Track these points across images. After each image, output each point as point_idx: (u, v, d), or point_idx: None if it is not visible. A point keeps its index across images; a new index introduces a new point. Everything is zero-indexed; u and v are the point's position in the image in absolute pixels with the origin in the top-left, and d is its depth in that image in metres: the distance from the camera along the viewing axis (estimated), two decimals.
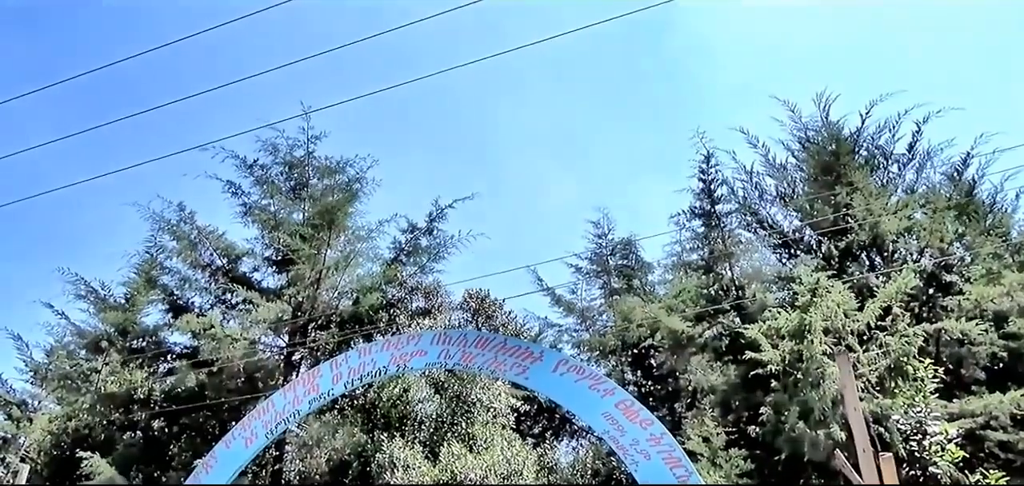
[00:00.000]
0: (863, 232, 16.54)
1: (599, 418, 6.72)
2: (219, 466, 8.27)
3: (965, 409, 12.32)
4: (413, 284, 18.77)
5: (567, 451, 22.17)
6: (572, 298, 23.00)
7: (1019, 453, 11.85)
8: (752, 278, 18.26)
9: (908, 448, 10.15)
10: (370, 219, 19.13)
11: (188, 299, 18.64)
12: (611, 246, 22.66)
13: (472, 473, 11.59)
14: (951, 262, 16.63)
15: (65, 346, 19.69)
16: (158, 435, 15.89)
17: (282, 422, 8.48)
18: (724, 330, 16.74)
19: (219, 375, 16.18)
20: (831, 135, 18.55)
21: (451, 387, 14.57)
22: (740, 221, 19.55)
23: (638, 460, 6.35)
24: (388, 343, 8.56)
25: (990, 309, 14.62)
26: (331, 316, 17.82)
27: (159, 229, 18.45)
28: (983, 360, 14.33)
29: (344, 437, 14.40)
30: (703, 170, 19.60)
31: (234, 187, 18.69)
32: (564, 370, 7.20)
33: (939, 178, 18.28)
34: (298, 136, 18.81)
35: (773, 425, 11.74)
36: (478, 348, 7.73)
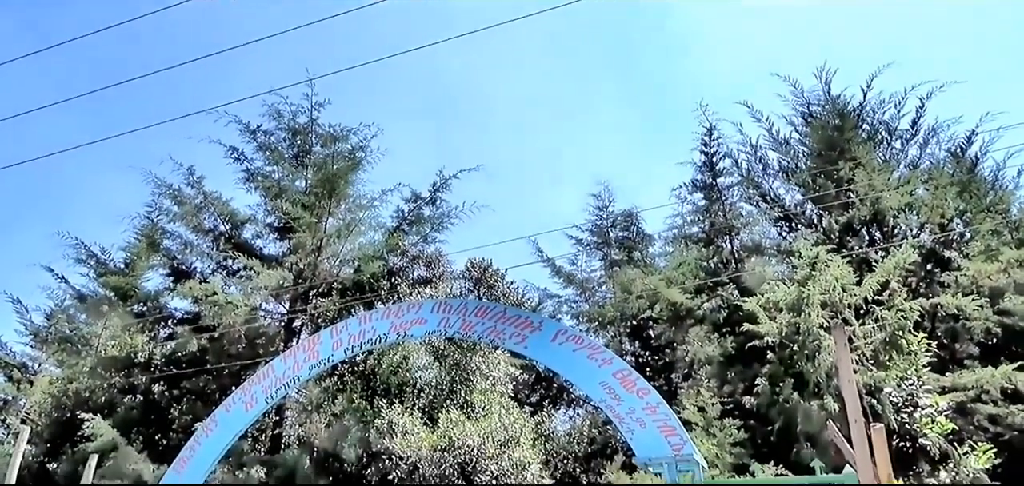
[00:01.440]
0: (864, 207, 16.56)
1: (597, 387, 6.80)
2: (219, 429, 8.38)
3: (957, 383, 12.48)
4: (415, 253, 18.84)
5: (564, 420, 22.45)
6: (572, 269, 23.13)
7: (1007, 426, 12.03)
8: (752, 251, 18.33)
9: (899, 420, 10.30)
10: (373, 188, 19.15)
11: (189, 264, 18.70)
12: (612, 218, 22.71)
13: (470, 439, 11.75)
14: (950, 238, 16.68)
15: (65, 310, 19.78)
16: (158, 399, 16.05)
17: (282, 387, 8.57)
18: (722, 302, 16.85)
19: (220, 341, 16.30)
20: (835, 110, 18.49)
21: (451, 355, 14.69)
22: (742, 194, 19.60)
23: (634, 428, 6.45)
24: (389, 311, 8.61)
25: (986, 286, 14.71)
26: (332, 284, 17.90)
27: (160, 194, 18.43)
28: (977, 335, 14.47)
29: (344, 403, 14.58)
30: (705, 143, 19.58)
31: (237, 153, 18.64)
32: (563, 340, 7.27)
33: (942, 155, 18.28)
34: (302, 103, 18.72)
35: (768, 396, 11.90)
36: (478, 317, 7.79)
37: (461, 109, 51.39)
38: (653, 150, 48.95)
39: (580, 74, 50.71)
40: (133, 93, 40.50)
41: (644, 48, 51.09)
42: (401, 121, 45.85)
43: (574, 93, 50.34)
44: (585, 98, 50.64)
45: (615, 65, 51.09)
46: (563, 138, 51.52)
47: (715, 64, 46.44)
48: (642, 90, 50.36)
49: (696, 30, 48.31)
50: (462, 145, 50.51)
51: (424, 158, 46.46)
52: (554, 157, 50.91)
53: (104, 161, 57.16)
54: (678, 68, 49.28)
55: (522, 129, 52.36)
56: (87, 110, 49.13)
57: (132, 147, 53.18)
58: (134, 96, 46.74)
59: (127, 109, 37.04)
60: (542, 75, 49.90)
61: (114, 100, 51.76)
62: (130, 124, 29.79)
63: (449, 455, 11.79)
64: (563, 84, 51.21)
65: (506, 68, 52.30)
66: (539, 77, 50.61)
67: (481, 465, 11.77)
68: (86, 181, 46.92)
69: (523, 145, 52.20)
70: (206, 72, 25.91)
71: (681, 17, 49.66)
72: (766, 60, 42.99)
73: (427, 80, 52.30)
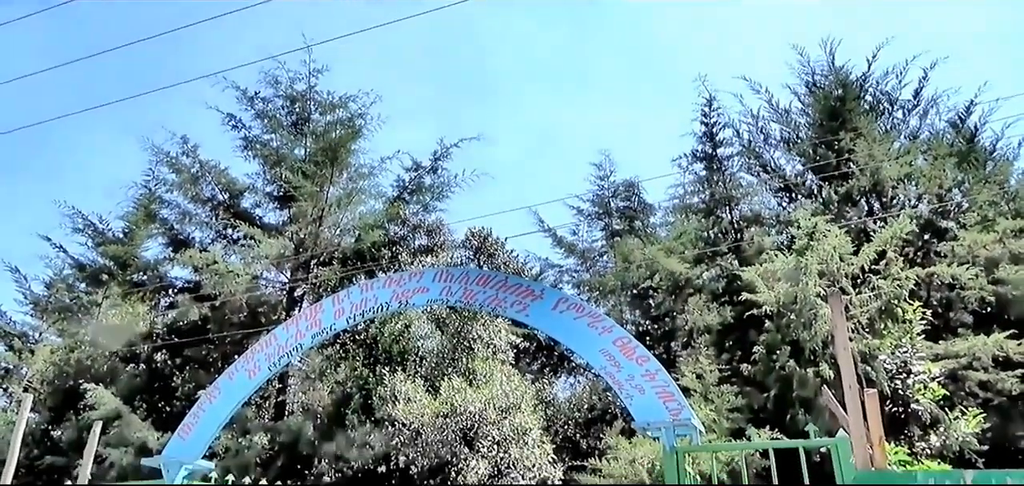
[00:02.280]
0: (864, 177, 16.59)
1: (597, 354, 6.88)
2: (223, 397, 8.47)
3: (950, 350, 12.66)
4: (416, 222, 18.88)
5: (565, 387, 22.74)
6: (573, 239, 23.20)
7: (997, 392, 12.25)
8: (752, 221, 18.41)
9: (892, 386, 10.49)
10: (373, 157, 19.10)
11: (189, 234, 18.71)
12: (613, 188, 22.71)
13: (472, 406, 11.93)
14: (948, 209, 16.75)
15: (64, 279, 19.82)
16: (161, 368, 16.20)
17: (285, 355, 8.64)
18: (722, 272, 16.98)
19: (221, 309, 16.40)
20: (838, 80, 18.44)
21: (452, 324, 14.83)
22: (743, 164, 19.62)
23: (633, 394, 6.55)
24: (390, 280, 8.65)
25: (982, 255, 14.82)
26: (333, 253, 17.96)
27: (157, 162, 18.36)
28: (971, 304, 14.62)
29: (346, 371, 14.74)
30: (705, 114, 19.53)
31: (234, 120, 18.53)
32: (564, 308, 7.33)
33: (942, 125, 18.28)
34: (299, 69, 18.55)
35: (765, 363, 12.06)
36: (480, 285, 7.83)
37: (462, 77, 50.93)
38: (656, 120, 48.68)
39: (583, 42, 50.20)
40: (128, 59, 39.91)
41: (650, 17, 50.50)
42: (401, 89, 45.44)
43: (577, 61, 49.88)
44: (588, 67, 50.20)
45: (619, 34, 50.51)
46: (565, 107, 51.20)
47: (722, 34, 45.95)
48: (647, 60, 49.91)
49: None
50: (463, 113, 50.18)
51: (424, 127, 46.19)
52: (556, 126, 50.64)
53: (99, 128, 56.73)
54: (684, 37, 48.77)
55: (524, 98, 51.98)
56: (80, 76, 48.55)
57: (127, 114, 52.67)
58: (129, 62, 46.18)
59: (122, 75, 36.59)
60: (545, 43, 49.38)
61: (108, 66, 51.16)
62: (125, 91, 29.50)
63: (451, 421, 11.98)
64: (566, 52, 50.73)
65: (508, 36, 51.72)
66: (542, 45, 50.08)
67: (483, 430, 11.97)
68: (81, 148, 46.61)
69: (525, 114, 51.87)
70: (201, 38, 25.58)
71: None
72: (773, 32, 42.51)
73: (427, 47, 51.70)
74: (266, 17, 52.74)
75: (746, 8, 44.87)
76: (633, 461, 12.06)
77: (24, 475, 14.76)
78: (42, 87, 40.75)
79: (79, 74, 48.84)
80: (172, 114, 43.58)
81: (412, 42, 57.84)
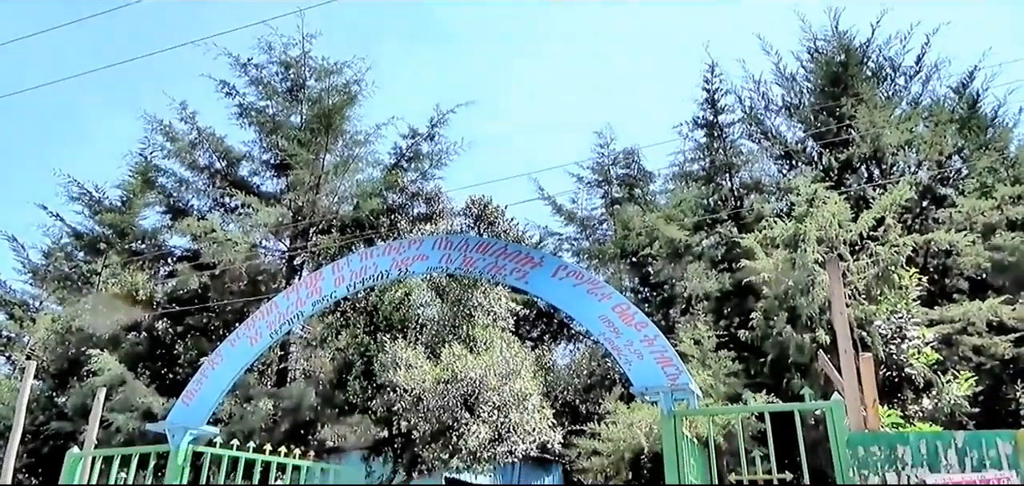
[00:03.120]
0: (864, 144, 16.55)
1: (596, 321, 6.93)
2: (226, 363, 8.53)
3: (945, 315, 12.79)
4: (414, 190, 18.83)
5: (565, 353, 22.99)
6: (573, 207, 23.20)
7: (990, 356, 12.41)
8: (752, 189, 18.41)
9: (887, 351, 10.63)
10: (369, 123, 18.96)
11: (187, 202, 18.65)
12: (613, 156, 22.64)
13: (472, 372, 12.06)
14: (947, 176, 16.75)
15: (62, 248, 19.84)
16: (163, 336, 16.31)
17: (286, 323, 8.67)
18: (721, 239, 17.02)
19: (221, 278, 16.44)
20: (841, 45, 18.25)
21: (452, 292, 14.90)
22: (744, 131, 19.54)
23: (632, 359, 6.62)
24: (390, 247, 8.65)
25: (980, 222, 14.87)
26: (332, 221, 17.95)
27: (153, 130, 18.22)
28: (967, 270, 14.72)
29: (347, 338, 14.86)
30: (708, 80, 19.38)
31: (228, 87, 18.34)
32: (563, 275, 7.35)
33: (945, 91, 18.17)
34: (293, 34, 18.31)
35: (762, 329, 12.18)
36: (479, 253, 7.84)
37: (458, 43, 50.30)
38: (658, 88, 48.24)
39: (585, 8, 49.45)
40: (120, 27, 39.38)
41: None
42: (396, 54, 44.91)
43: (578, 28, 49.21)
44: (590, 34, 49.55)
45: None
46: (566, 74, 50.68)
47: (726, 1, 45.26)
48: (649, 26, 49.27)
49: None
50: (460, 80, 49.68)
51: (421, 93, 45.76)
52: (556, 94, 50.19)
53: (92, 95, 56.16)
54: (688, 3, 48.04)
55: (523, 64, 51.40)
56: (72, 42, 47.87)
57: (121, 83, 52.08)
58: (121, 27, 45.53)
59: (115, 44, 36.10)
60: (544, 8, 48.65)
61: (100, 31, 50.42)
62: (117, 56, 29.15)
63: (452, 387, 12.12)
64: (567, 17, 50.00)
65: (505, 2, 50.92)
66: (541, 10, 49.35)
67: (483, 396, 12.12)
68: (75, 116, 46.20)
69: (524, 81, 51.36)
70: (192, 3, 25.16)
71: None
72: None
73: (422, 13, 50.96)
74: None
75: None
76: (631, 425, 12.26)
77: (30, 441, 14.97)
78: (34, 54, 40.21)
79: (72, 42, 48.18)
80: (166, 83, 43.15)
81: (407, 6, 56.97)
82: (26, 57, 29.69)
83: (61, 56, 34.15)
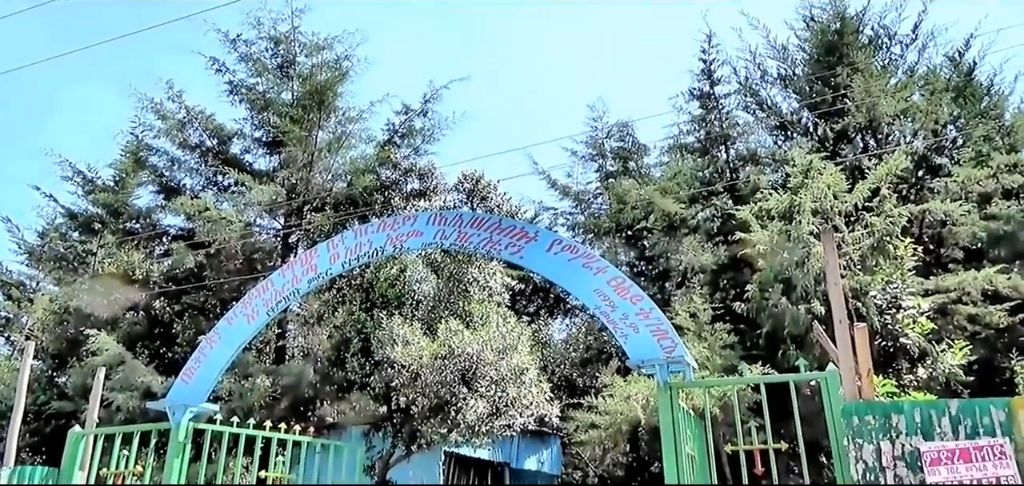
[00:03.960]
0: (860, 114, 16.47)
1: (591, 294, 6.93)
2: (223, 341, 8.53)
3: (940, 285, 12.85)
4: (407, 166, 18.73)
5: (561, 328, 23.10)
6: (568, 181, 23.15)
7: (984, 326, 12.49)
8: (747, 160, 18.36)
9: (882, 321, 10.69)
10: (361, 100, 18.80)
11: (179, 181, 18.55)
12: (607, 129, 22.53)
13: (469, 347, 12.11)
14: (943, 145, 16.71)
15: (57, 228, 19.79)
16: (160, 315, 16.32)
17: (283, 300, 8.66)
18: (717, 212, 17.01)
19: (217, 256, 16.40)
20: (837, 13, 18.06)
21: (448, 267, 14.91)
22: (739, 102, 19.43)
23: (627, 333, 6.63)
24: (384, 224, 8.62)
25: (975, 191, 14.88)
26: (326, 198, 17.86)
27: (143, 108, 18.03)
28: (963, 240, 14.76)
29: (344, 315, 14.88)
30: (704, 50, 19.22)
31: (218, 64, 18.11)
32: (558, 249, 7.34)
33: (940, 60, 18.04)
34: (282, 9, 18.05)
35: (758, 301, 12.23)
36: (474, 228, 7.81)
37: (452, 16, 49.64)
38: (653, 60, 47.81)
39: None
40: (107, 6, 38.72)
41: None
42: (388, 28, 44.35)
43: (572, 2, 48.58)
44: (583, 4, 48.93)
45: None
46: (559, 47, 50.14)
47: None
48: None
49: None
50: (453, 53, 49.13)
51: (413, 67, 45.28)
52: (550, 67, 49.73)
53: (80, 74, 55.41)
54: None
55: (516, 37, 50.83)
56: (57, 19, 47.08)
57: (110, 62, 51.38)
58: (108, 9, 44.74)
59: (102, 23, 35.50)
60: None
61: (86, 7, 49.54)
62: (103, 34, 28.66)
63: (449, 363, 12.17)
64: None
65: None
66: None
67: (481, 371, 12.19)
68: (63, 95, 45.64)
69: (518, 54, 50.83)
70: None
71: None
72: None
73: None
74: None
75: None
76: (628, 398, 12.36)
77: (32, 420, 15.04)
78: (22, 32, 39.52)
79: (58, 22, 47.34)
80: (155, 62, 42.51)
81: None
82: (14, 34, 29.20)
83: (50, 34, 33.60)
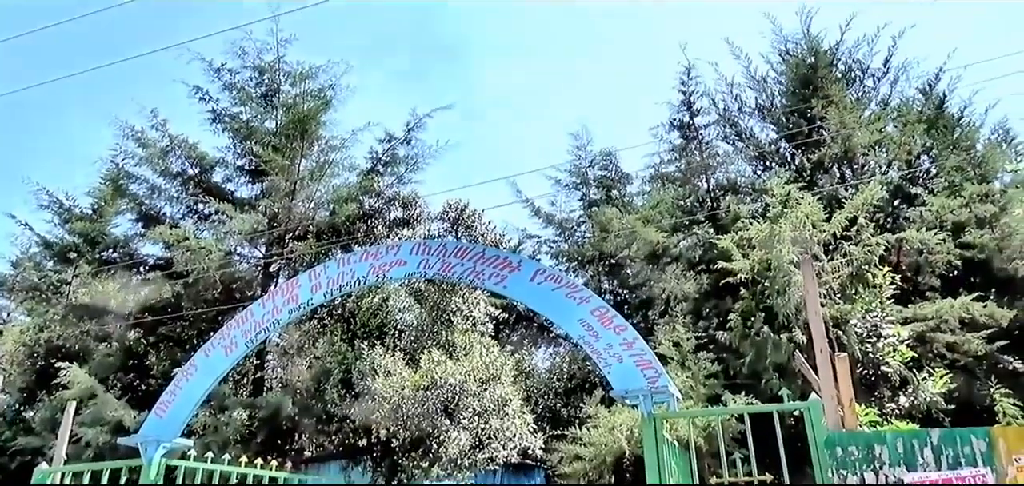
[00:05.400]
0: (835, 145, 16.81)
1: (575, 324, 6.92)
2: (200, 373, 8.36)
3: (918, 313, 13.01)
4: (391, 194, 18.68)
5: (544, 357, 22.97)
6: (551, 210, 23.24)
7: (963, 353, 12.63)
8: (727, 190, 18.59)
9: (863, 349, 10.77)
10: (344, 128, 18.79)
11: (159, 209, 18.31)
12: (590, 158, 22.75)
13: (452, 378, 11.97)
14: (917, 175, 17.08)
15: (31, 257, 19.36)
16: (134, 346, 15.94)
17: (262, 331, 8.53)
18: (698, 240, 17.16)
19: (195, 286, 16.12)
20: (811, 47, 18.54)
21: (431, 296, 14.81)
22: (718, 133, 19.77)
23: (611, 363, 6.61)
24: (367, 253, 8.56)
25: (949, 220, 15.19)
26: (308, 227, 17.72)
27: (124, 136, 17.86)
28: (939, 268, 15.00)
29: (325, 345, 14.66)
30: (684, 82, 19.59)
31: (201, 92, 18.04)
32: (541, 279, 7.33)
33: (912, 92, 18.55)
34: (267, 39, 18.08)
35: (740, 330, 12.26)
36: (457, 258, 7.79)
37: (435, 47, 50.15)
38: (635, 89, 48.57)
39: (562, 10, 49.61)
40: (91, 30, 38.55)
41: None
42: (372, 58, 44.62)
43: (554, 31, 49.35)
44: (567, 36, 49.71)
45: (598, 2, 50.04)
46: (543, 77, 50.77)
47: (700, 4, 45.77)
48: (623, 28, 49.58)
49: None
50: (437, 83, 49.50)
51: (397, 97, 45.50)
52: (533, 96, 50.27)
53: (62, 102, 54.84)
54: (662, 6, 48.50)
55: (500, 67, 51.39)
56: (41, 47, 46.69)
57: (92, 90, 50.97)
58: (92, 33, 44.52)
59: (86, 51, 35.28)
60: (520, 10, 48.72)
61: (71, 37, 49.27)
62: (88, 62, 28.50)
63: (432, 394, 12.01)
64: (543, 21, 50.13)
65: (482, 3, 50.91)
66: (517, 13, 49.41)
67: (463, 402, 12.03)
68: (44, 123, 45.07)
69: (501, 84, 51.35)
70: (166, 7, 24.72)
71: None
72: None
73: (398, 14, 50.74)
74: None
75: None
76: (613, 429, 12.26)
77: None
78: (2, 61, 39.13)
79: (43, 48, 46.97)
80: (137, 91, 42.31)
81: (383, 10, 56.70)
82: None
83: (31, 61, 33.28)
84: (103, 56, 37.54)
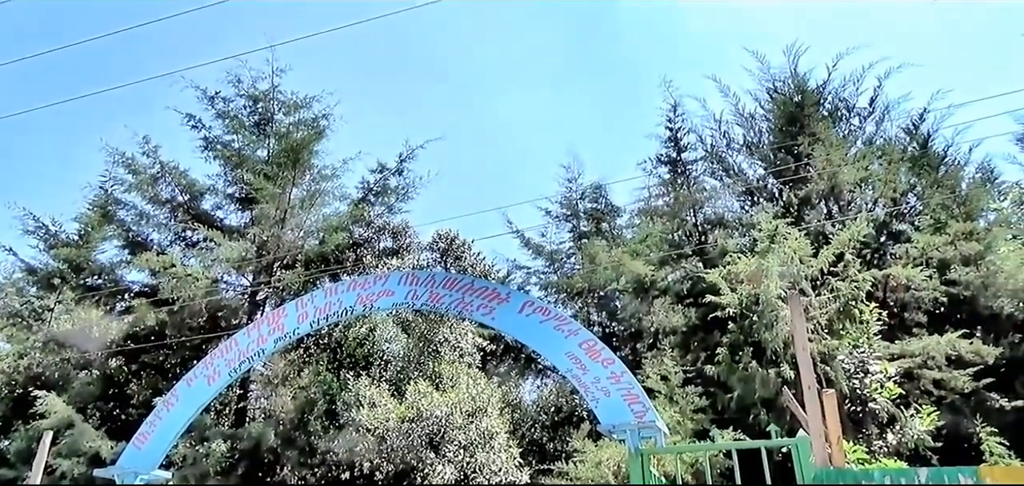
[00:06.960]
0: (822, 181, 17.04)
1: (563, 357, 6.89)
2: (182, 403, 8.23)
3: (905, 350, 13.06)
4: (381, 224, 18.65)
5: (532, 389, 22.76)
6: (541, 241, 23.25)
7: (950, 390, 12.67)
8: (715, 224, 18.74)
9: (850, 385, 10.77)
10: (336, 158, 18.81)
11: (146, 236, 18.14)
12: (581, 190, 22.87)
13: (438, 410, 11.83)
14: (903, 212, 17.31)
15: (14, 283, 19.05)
16: (115, 374, 15.63)
17: (246, 360, 8.43)
18: (686, 274, 17.21)
19: (180, 314, 15.90)
20: (798, 86, 18.92)
21: (418, 327, 14.71)
22: (706, 168, 19.99)
23: (599, 397, 6.58)
24: (355, 283, 8.53)
25: (935, 257, 15.36)
26: (296, 255, 17.61)
27: (114, 162, 17.77)
28: (925, 304, 15.11)
29: (310, 376, 14.46)
30: (670, 118, 19.87)
31: (194, 120, 18.05)
32: (530, 311, 7.32)
33: (896, 131, 18.91)
34: (262, 68, 18.19)
35: (728, 364, 12.25)
36: (446, 288, 7.77)
37: (428, 78, 50.65)
38: (624, 122, 49.14)
39: (550, 44, 50.37)
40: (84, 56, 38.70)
41: (616, 19, 50.99)
42: (365, 89, 44.95)
43: (544, 63, 50.04)
44: (555, 68, 50.41)
45: (587, 36, 50.86)
46: (534, 110, 51.30)
47: (688, 39, 46.66)
48: (613, 62, 50.36)
49: (670, 4, 48.34)
50: (428, 114, 49.85)
51: (388, 127, 45.70)
52: (523, 128, 50.72)
53: (53, 128, 54.65)
54: (650, 40, 49.38)
55: (491, 99, 51.91)
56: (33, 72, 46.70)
57: (83, 113, 50.89)
58: (85, 60, 44.59)
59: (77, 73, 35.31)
60: (512, 44, 49.43)
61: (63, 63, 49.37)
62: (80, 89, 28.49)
63: (417, 426, 11.86)
64: (533, 54, 50.83)
65: (474, 36, 51.63)
66: (509, 46, 50.10)
67: (449, 435, 11.88)
68: (33, 148, 44.83)
69: (492, 116, 51.79)
70: (162, 36, 24.86)
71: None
72: (739, 35, 43.34)
73: (391, 47, 51.30)
74: (228, 18, 51.42)
75: (710, 14, 45.68)
76: (599, 463, 12.12)
77: None
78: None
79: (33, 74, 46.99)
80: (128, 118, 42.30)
81: (376, 42, 57.32)
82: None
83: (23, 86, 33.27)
84: (97, 83, 37.57)
